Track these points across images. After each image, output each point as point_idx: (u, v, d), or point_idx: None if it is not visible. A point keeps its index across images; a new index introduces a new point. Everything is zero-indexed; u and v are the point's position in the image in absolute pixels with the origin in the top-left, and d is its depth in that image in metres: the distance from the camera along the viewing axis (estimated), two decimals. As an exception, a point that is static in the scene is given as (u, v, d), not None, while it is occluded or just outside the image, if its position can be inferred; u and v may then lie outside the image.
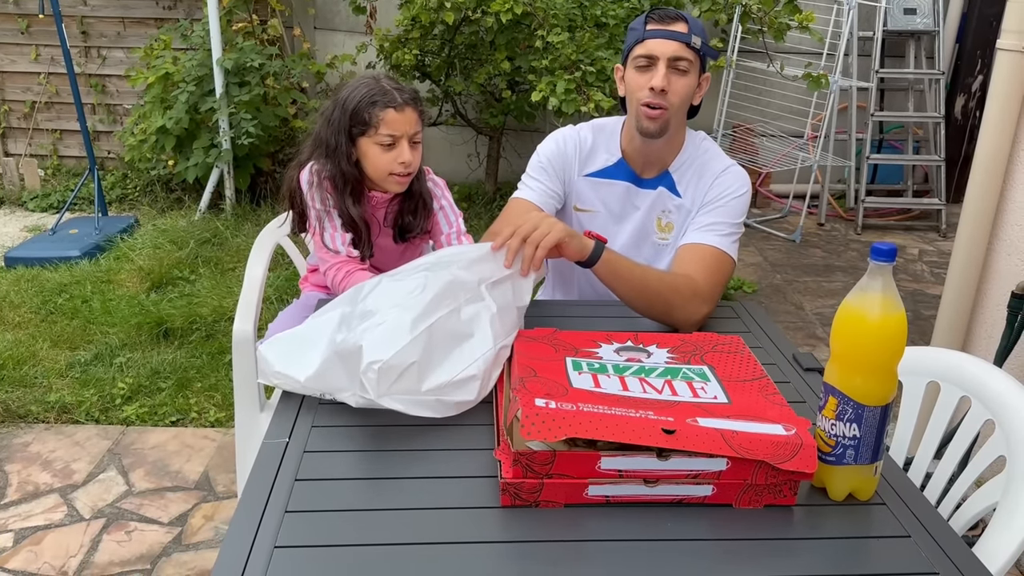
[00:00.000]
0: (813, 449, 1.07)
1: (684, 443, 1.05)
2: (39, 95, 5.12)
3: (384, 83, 1.79)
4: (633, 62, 1.72)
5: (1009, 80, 2.24)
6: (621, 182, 1.84)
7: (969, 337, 2.48)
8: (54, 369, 3.01)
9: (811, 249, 4.55)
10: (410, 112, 1.78)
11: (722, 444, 1.06)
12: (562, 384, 1.18)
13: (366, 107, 1.76)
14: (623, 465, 1.07)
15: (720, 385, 1.24)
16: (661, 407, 1.14)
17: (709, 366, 1.31)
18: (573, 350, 1.35)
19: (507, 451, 1.10)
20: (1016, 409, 1.34)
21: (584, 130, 1.88)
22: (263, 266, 2.05)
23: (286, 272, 3.69)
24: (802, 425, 1.11)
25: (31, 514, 2.31)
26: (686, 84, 1.70)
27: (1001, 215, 2.34)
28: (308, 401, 1.35)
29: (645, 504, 1.09)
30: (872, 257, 1.04)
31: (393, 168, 1.80)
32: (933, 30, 4.79)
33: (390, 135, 1.77)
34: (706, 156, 1.82)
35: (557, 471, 1.07)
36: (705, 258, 1.70)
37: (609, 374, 1.26)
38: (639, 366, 1.30)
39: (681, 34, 1.68)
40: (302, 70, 4.67)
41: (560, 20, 3.93)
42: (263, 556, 0.99)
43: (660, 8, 1.74)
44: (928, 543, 1.05)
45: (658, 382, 1.24)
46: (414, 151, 1.81)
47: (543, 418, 1.05)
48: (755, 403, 1.18)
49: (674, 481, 1.08)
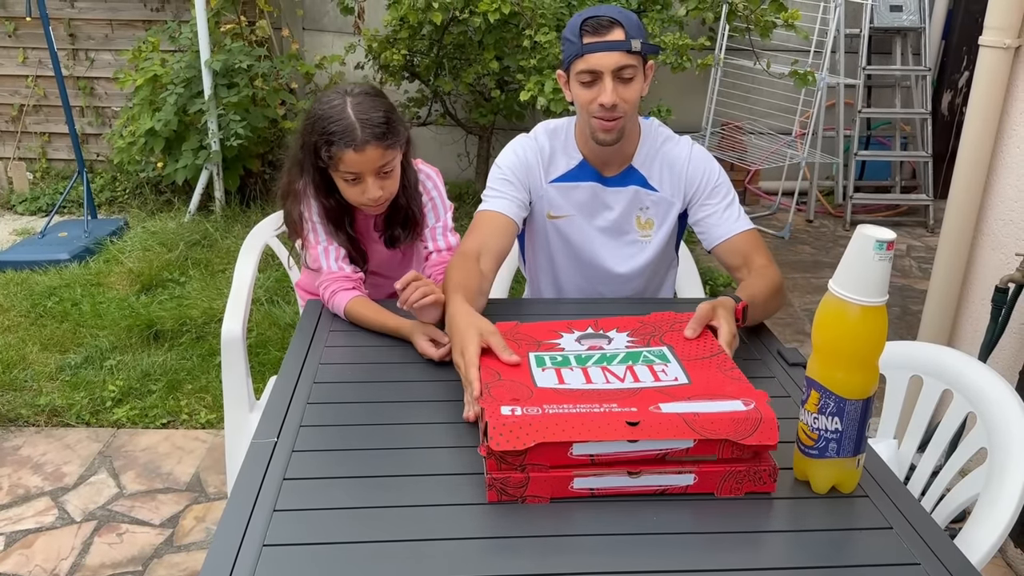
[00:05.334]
0: (773, 422, 1.10)
1: (649, 433, 1.09)
2: (27, 98, 5.10)
3: (350, 110, 1.64)
4: (576, 77, 1.67)
5: (992, 76, 2.26)
6: (587, 183, 1.82)
7: (955, 331, 2.50)
8: (44, 372, 3.00)
9: (800, 245, 4.58)
10: (372, 150, 1.63)
11: (685, 429, 1.09)
12: (527, 385, 1.20)
13: (323, 146, 1.65)
14: (594, 450, 1.11)
15: (680, 365, 1.28)
16: (624, 397, 1.17)
17: (668, 346, 1.35)
18: (536, 344, 1.37)
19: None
20: (997, 402, 1.36)
21: (540, 137, 1.84)
22: (252, 267, 2.05)
23: (276, 273, 3.69)
24: (760, 398, 1.15)
25: (22, 517, 2.31)
26: (635, 89, 1.67)
27: (985, 210, 2.36)
28: (297, 401, 1.36)
29: (630, 497, 1.11)
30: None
31: (362, 201, 1.71)
32: (919, 27, 4.82)
33: (351, 173, 1.66)
34: (666, 144, 1.82)
35: (531, 461, 1.10)
36: (750, 242, 1.77)
37: (572, 366, 1.28)
38: (600, 354, 1.33)
39: (619, 42, 1.62)
40: (291, 71, 4.66)
41: (548, 19, 3.94)
42: (252, 554, 0.99)
43: (592, 15, 1.64)
44: (910, 534, 1.06)
45: (620, 369, 1.27)
46: (385, 180, 1.70)
47: (510, 427, 1.08)
48: (714, 380, 1.23)
49: (655, 470, 1.09)
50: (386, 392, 1.40)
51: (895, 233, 1.03)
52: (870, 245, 1.02)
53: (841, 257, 1.06)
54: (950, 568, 1.00)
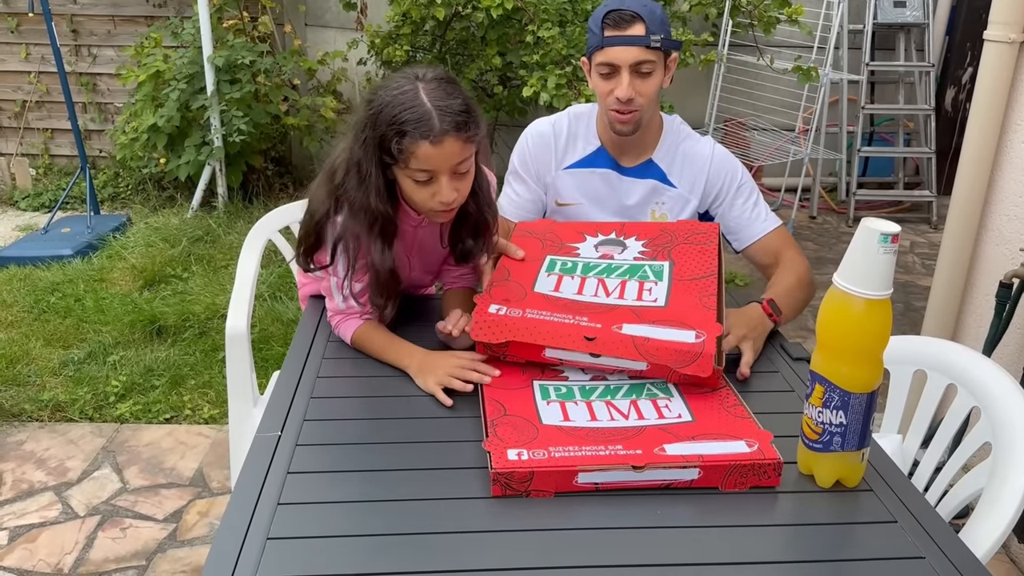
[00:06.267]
0: (710, 358, 1.23)
1: (600, 348, 1.26)
2: (29, 94, 5.10)
3: (424, 95, 1.35)
4: (596, 68, 1.70)
5: (996, 71, 2.25)
6: (602, 170, 1.84)
7: (958, 327, 2.49)
8: (47, 368, 3.00)
9: (803, 242, 4.57)
10: (451, 142, 1.34)
11: (632, 350, 1.26)
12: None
13: (394, 137, 1.35)
14: (564, 356, 1.31)
15: (668, 286, 1.41)
16: (597, 312, 1.34)
17: (671, 261, 1.46)
18: (558, 245, 1.55)
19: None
20: (1001, 396, 1.36)
21: (561, 120, 1.87)
22: (255, 263, 2.05)
23: (279, 269, 3.69)
24: (712, 332, 1.27)
25: (26, 512, 2.31)
26: (653, 84, 1.69)
27: (989, 206, 2.35)
28: (300, 395, 1.36)
29: (634, 491, 1.11)
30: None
31: (431, 204, 1.42)
32: (923, 23, 4.81)
33: (424, 171, 1.37)
34: (687, 141, 1.83)
35: (512, 352, 1.33)
36: (779, 240, 1.80)
37: (574, 275, 1.46)
38: (606, 264, 1.49)
39: (639, 37, 1.64)
40: (293, 67, 4.66)
41: (551, 15, 3.93)
42: (256, 548, 0.99)
43: (615, 8, 1.66)
44: (915, 528, 1.06)
45: (613, 283, 1.43)
46: (460, 181, 1.41)
47: (489, 323, 1.33)
48: (686, 307, 1.34)
49: (659, 464, 1.10)
50: (389, 387, 1.40)
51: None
52: (875, 238, 1.02)
53: (844, 254, 1.06)
54: (955, 562, 1.00)
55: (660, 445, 1.13)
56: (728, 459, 1.10)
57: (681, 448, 1.13)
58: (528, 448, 1.13)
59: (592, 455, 1.11)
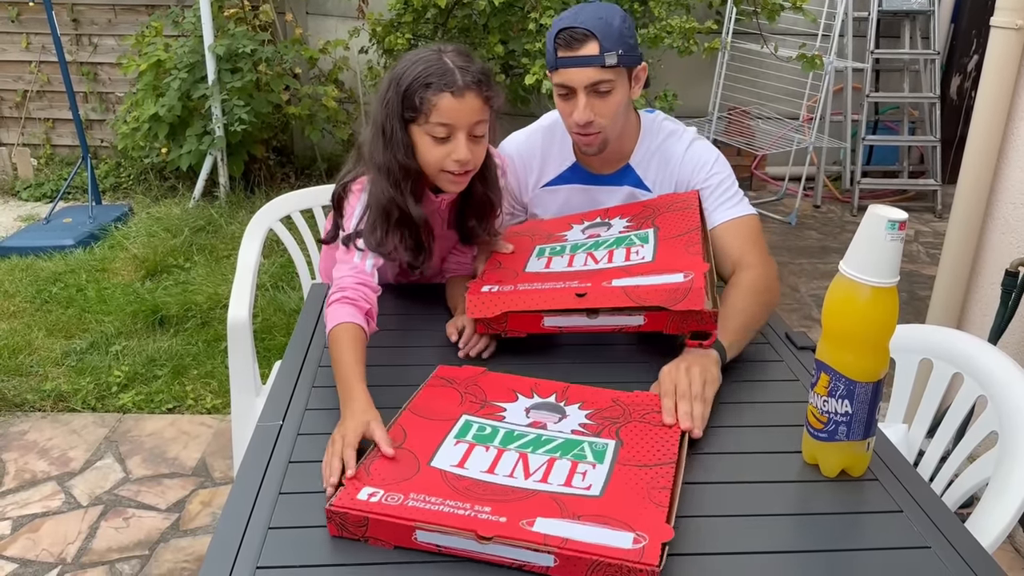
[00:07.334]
0: (701, 291, 1.27)
1: (591, 302, 1.31)
2: (30, 84, 5.09)
3: (447, 58, 1.44)
4: (555, 88, 1.60)
5: (1003, 58, 2.23)
6: (578, 186, 1.76)
7: (964, 316, 2.48)
8: (50, 358, 3.00)
9: (807, 231, 4.55)
10: (472, 98, 1.42)
11: (623, 297, 1.30)
12: (516, 270, 1.36)
13: (418, 89, 1.41)
14: (563, 323, 1.34)
15: (654, 245, 1.46)
16: (586, 276, 1.40)
17: (655, 228, 1.50)
18: (546, 236, 1.60)
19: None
20: (1008, 385, 1.35)
21: (535, 136, 1.79)
22: (256, 252, 2.04)
23: (281, 259, 3.68)
24: (700, 269, 1.33)
25: (29, 502, 2.32)
26: (613, 102, 1.57)
27: (995, 194, 2.33)
28: (302, 385, 1.35)
29: (492, 564, 0.97)
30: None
31: (445, 165, 1.45)
32: (928, 10, 4.77)
33: (443, 125, 1.42)
34: (667, 140, 1.71)
35: (511, 327, 1.38)
36: (741, 232, 1.62)
37: (563, 255, 1.51)
38: (594, 241, 1.54)
39: (592, 57, 1.52)
40: (294, 56, 4.64)
41: (553, 2, 3.91)
42: (258, 537, 0.99)
43: (567, 26, 1.53)
44: (920, 518, 1.05)
45: (601, 253, 1.49)
46: (475, 145, 1.45)
47: (484, 299, 1.38)
48: (674, 256, 1.39)
49: (508, 542, 0.94)
50: (390, 376, 1.39)
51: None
52: (882, 225, 1.00)
53: (849, 242, 1.05)
54: (961, 552, 0.99)
55: (534, 518, 0.97)
56: (596, 551, 0.91)
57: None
58: (388, 490, 1.01)
59: (434, 510, 0.97)
